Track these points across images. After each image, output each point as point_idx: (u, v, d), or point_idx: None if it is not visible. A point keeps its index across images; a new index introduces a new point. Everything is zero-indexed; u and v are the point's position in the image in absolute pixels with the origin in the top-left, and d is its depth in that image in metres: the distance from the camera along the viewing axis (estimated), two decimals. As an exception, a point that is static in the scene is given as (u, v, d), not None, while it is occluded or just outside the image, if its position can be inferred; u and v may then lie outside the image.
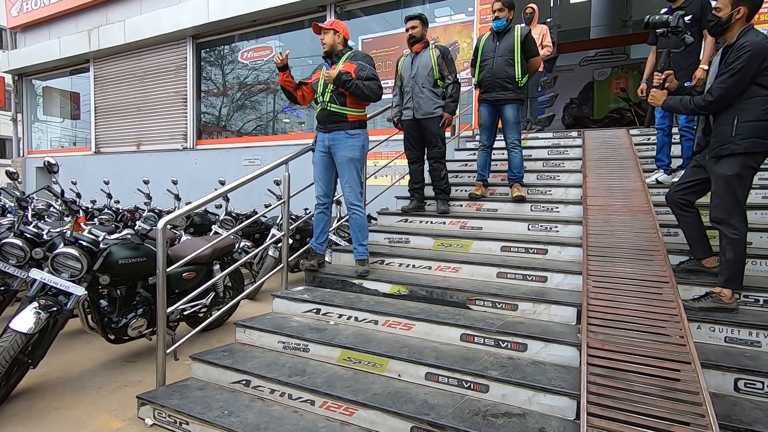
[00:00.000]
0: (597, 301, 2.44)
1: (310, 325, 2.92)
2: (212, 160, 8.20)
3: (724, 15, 2.34)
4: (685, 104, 2.47)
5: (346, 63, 3.16)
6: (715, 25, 2.39)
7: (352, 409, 2.17)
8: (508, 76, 3.87)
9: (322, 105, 3.20)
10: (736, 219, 2.37)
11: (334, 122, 3.18)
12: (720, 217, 2.38)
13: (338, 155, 3.19)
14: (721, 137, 2.36)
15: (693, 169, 2.63)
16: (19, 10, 10.79)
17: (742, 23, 2.35)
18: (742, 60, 2.23)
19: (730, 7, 2.32)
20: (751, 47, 2.23)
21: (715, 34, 2.46)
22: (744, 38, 2.29)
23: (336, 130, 3.18)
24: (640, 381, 1.94)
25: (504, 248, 3.37)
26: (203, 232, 5.44)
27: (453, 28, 6.58)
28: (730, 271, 2.39)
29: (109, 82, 9.77)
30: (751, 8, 2.34)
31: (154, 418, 2.35)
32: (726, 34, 2.39)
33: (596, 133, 5.01)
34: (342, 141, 3.17)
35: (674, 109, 2.60)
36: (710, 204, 2.45)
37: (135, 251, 2.96)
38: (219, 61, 8.89)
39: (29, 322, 2.39)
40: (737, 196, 2.37)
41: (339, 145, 3.17)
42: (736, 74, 2.26)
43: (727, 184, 2.37)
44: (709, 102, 2.32)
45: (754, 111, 2.29)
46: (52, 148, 11.45)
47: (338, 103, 3.15)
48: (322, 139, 3.25)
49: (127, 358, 3.25)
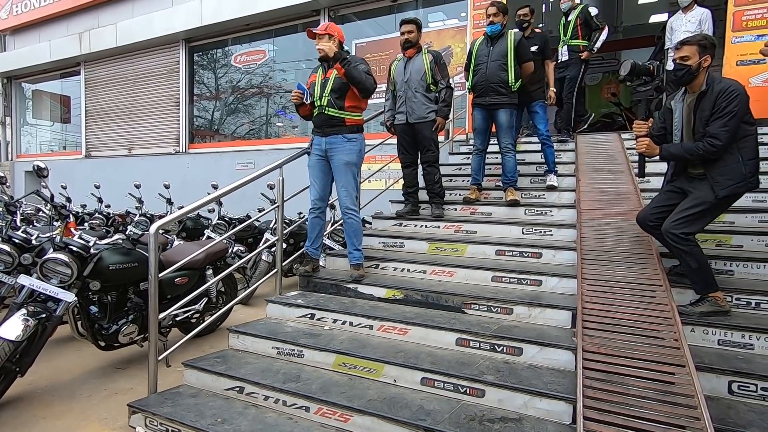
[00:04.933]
0: (592, 305, 2.44)
1: (304, 330, 2.90)
2: (205, 164, 8.14)
3: (694, 63, 2.48)
4: (690, 151, 2.48)
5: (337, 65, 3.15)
6: (685, 74, 2.51)
7: (348, 416, 2.15)
8: (501, 80, 3.89)
9: (319, 109, 3.18)
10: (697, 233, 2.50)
11: (332, 126, 3.17)
12: (687, 232, 2.44)
13: (335, 159, 3.18)
14: (734, 175, 2.44)
15: (668, 194, 2.68)
16: (9, 12, 10.67)
17: (706, 70, 2.50)
18: (736, 102, 2.38)
19: (698, 56, 2.47)
20: (738, 90, 2.40)
21: (685, 82, 2.56)
22: (722, 83, 2.45)
23: (333, 134, 3.17)
24: (635, 384, 1.95)
25: (498, 252, 3.37)
26: (196, 237, 5.39)
27: (446, 32, 6.62)
28: (704, 279, 2.45)
29: (100, 85, 9.68)
30: (713, 57, 2.51)
31: (146, 426, 2.31)
32: (693, 82, 2.53)
33: (589, 137, 5.06)
34: (339, 145, 3.16)
35: (677, 158, 2.61)
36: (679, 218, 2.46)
37: (126, 256, 2.92)
38: (212, 64, 8.85)
39: (17, 330, 2.34)
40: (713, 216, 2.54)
41: (336, 149, 3.16)
42: (734, 117, 2.38)
43: (714, 208, 2.49)
44: (719, 146, 2.40)
45: (750, 148, 2.45)
46: (42, 152, 11.30)
47: (336, 107, 3.13)
48: (318, 143, 3.24)
49: (118, 366, 3.19)
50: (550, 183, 4.18)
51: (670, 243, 2.48)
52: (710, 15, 4.70)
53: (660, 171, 3.97)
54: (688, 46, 2.50)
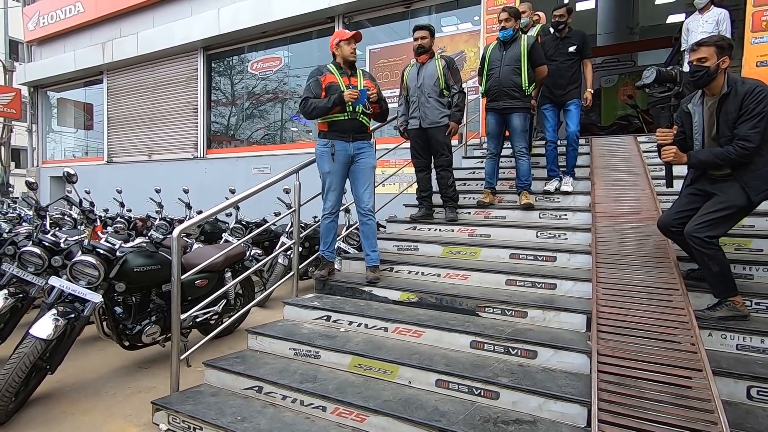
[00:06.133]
0: (607, 309, 2.44)
1: (320, 332, 2.95)
2: (222, 168, 8.31)
3: (712, 65, 2.43)
4: (721, 156, 2.42)
5: (366, 80, 3.31)
6: (703, 75, 2.45)
7: (364, 416, 2.19)
8: (515, 84, 3.91)
9: (352, 115, 3.23)
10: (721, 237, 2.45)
11: (360, 132, 3.29)
12: (711, 236, 2.38)
13: (363, 163, 3.30)
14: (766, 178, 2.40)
15: (690, 198, 2.62)
16: (36, 24, 11.09)
17: (725, 72, 2.45)
18: (765, 103, 2.33)
19: (716, 57, 2.42)
20: (765, 91, 2.35)
21: (702, 84, 2.50)
22: (747, 84, 2.40)
23: (361, 140, 3.29)
24: (651, 388, 1.95)
25: (513, 255, 3.38)
26: (213, 240, 5.51)
27: (459, 37, 6.65)
28: (724, 283, 2.41)
29: (122, 93, 9.97)
30: (731, 58, 2.46)
31: (169, 423, 2.39)
32: (711, 84, 2.48)
33: (604, 140, 5.03)
34: (367, 150, 3.32)
35: (706, 164, 2.52)
36: (703, 221, 2.41)
37: (150, 259, 3.03)
38: (229, 71, 9.04)
39: (48, 329, 2.45)
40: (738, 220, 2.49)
41: (364, 153, 3.30)
42: (765, 117, 2.34)
43: (741, 212, 2.44)
44: (751, 148, 2.35)
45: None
46: (66, 158, 11.68)
47: (367, 115, 3.30)
48: (344, 148, 3.24)
49: (141, 365, 3.30)
50: (564, 188, 4.08)
51: (693, 247, 2.42)
52: (728, 15, 4.63)
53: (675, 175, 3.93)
54: (705, 47, 2.45)
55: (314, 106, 3.14)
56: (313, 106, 3.14)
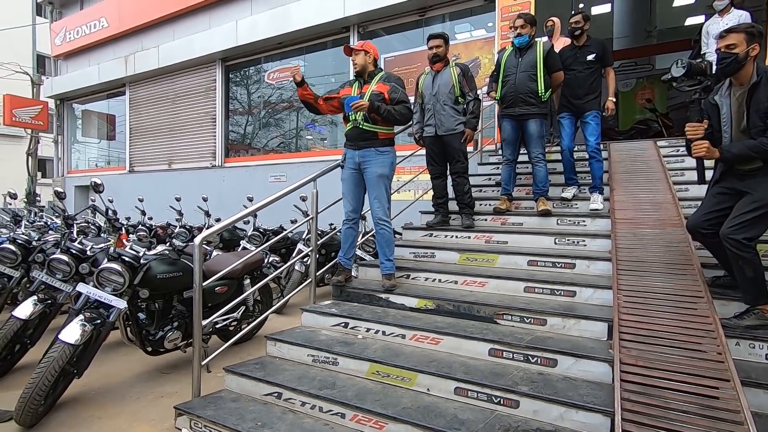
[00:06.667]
0: (629, 316, 2.40)
1: (338, 338, 2.97)
2: (239, 177, 8.45)
3: (741, 51, 2.34)
4: (755, 148, 2.31)
5: (379, 84, 3.28)
6: (731, 62, 2.36)
7: (383, 423, 2.19)
8: (531, 91, 3.91)
9: (354, 123, 3.29)
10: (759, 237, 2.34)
11: (365, 140, 3.27)
12: (749, 237, 2.30)
13: (369, 172, 3.27)
14: None
15: (719, 197, 2.52)
16: (62, 39, 11.51)
17: (754, 60, 2.36)
18: None
19: (745, 44, 2.34)
20: None
21: (730, 72, 2.40)
22: None
23: (366, 147, 3.27)
24: (676, 398, 1.91)
25: (530, 262, 3.35)
26: (232, 247, 5.60)
27: (474, 44, 6.67)
28: (756, 289, 2.32)
29: (143, 104, 10.26)
30: (761, 46, 2.37)
31: (191, 428, 2.43)
32: (740, 72, 2.38)
33: (622, 145, 4.96)
34: (373, 158, 3.26)
35: (740, 158, 2.41)
36: (739, 222, 2.32)
37: (172, 266, 3.10)
38: (246, 81, 9.23)
39: (76, 334, 2.53)
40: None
41: (370, 161, 3.27)
42: None
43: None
44: None
45: None
46: (89, 167, 12.04)
47: (370, 121, 3.25)
48: (352, 156, 3.33)
49: (163, 370, 3.36)
50: (593, 206, 3.87)
51: (729, 249, 2.32)
52: (749, 17, 4.55)
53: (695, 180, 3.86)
54: (735, 33, 2.35)
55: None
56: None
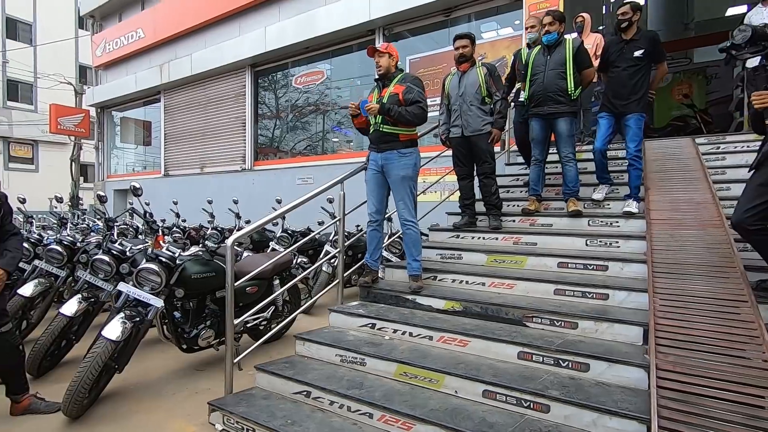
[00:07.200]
0: (666, 321, 2.32)
1: (365, 339, 2.99)
2: (268, 179, 8.65)
3: None
4: None
5: (396, 85, 3.30)
6: None
7: (410, 424, 2.20)
8: (560, 89, 3.82)
9: (375, 126, 3.33)
10: None
11: (387, 142, 3.29)
12: None
13: (392, 174, 3.29)
14: None
15: (759, 188, 2.37)
16: (103, 50, 12.12)
17: None
18: None
19: None
20: None
21: None
22: None
23: (388, 150, 3.29)
24: (717, 407, 1.82)
25: (561, 264, 3.28)
26: (261, 249, 5.73)
27: (500, 43, 6.59)
28: None
29: (177, 110, 10.66)
30: None
31: (224, 423, 2.51)
32: None
33: (657, 143, 4.78)
34: (395, 160, 3.28)
35: None
36: None
37: (205, 267, 3.21)
38: (274, 86, 9.45)
39: (117, 331, 2.65)
40: None
41: (392, 164, 3.28)
42: None
43: None
44: None
45: None
46: (127, 172, 12.60)
47: (390, 123, 3.26)
48: (375, 159, 3.38)
49: (197, 367, 3.48)
50: (627, 209, 3.66)
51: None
52: None
53: (738, 178, 3.68)
54: None
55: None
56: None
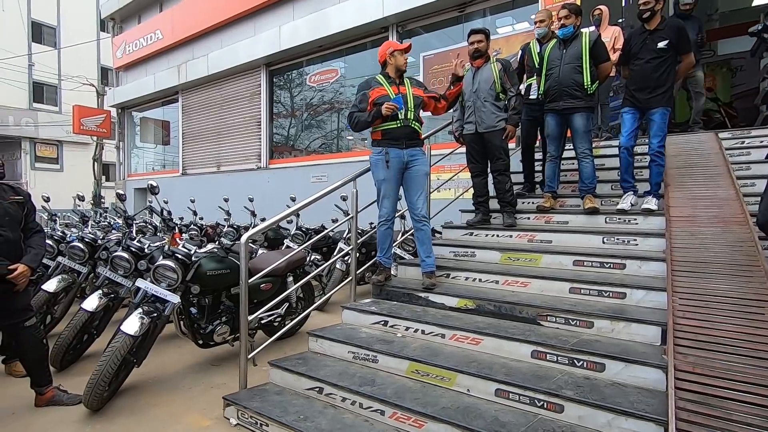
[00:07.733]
0: (685, 321, 2.25)
1: (378, 336, 3.00)
2: (283, 178, 8.72)
3: None
4: None
5: (414, 88, 3.39)
6: None
7: (422, 422, 2.19)
8: (576, 83, 3.75)
9: (404, 122, 3.29)
10: None
11: (413, 139, 3.35)
12: None
13: (416, 170, 3.35)
14: None
15: None
16: (123, 52, 12.39)
17: None
18: None
19: None
20: None
21: None
22: None
23: (414, 146, 3.35)
24: (739, 410, 1.77)
25: (576, 262, 3.22)
26: (276, 246, 5.79)
27: (516, 38, 6.48)
28: None
29: (194, 110, 10.83)
30: None
31: (238, 418, 2.55)
32: None
33: (678, 138, 4.65)
34: (420, 156, 3.38)
35: None
36: None
37: (221, 264, 3.26)
38: (288, 85, 9.51)
39: (136, 326, 2.71)
40: None
41: (418, 160, 3.36)
42: None
43: None
44: None
45: None
46: (147, 170, 12.87)
47: (419, 121, 3.37)
48: (398, 156, 3.30)
49: (212, 362, 3.54)
50: (646, 206, 3.54)
51: None
52: None
53: (765, 173, 3.56)
54: None
55: (357, 120, 3.30)
56: (357, 120, 3.30)
